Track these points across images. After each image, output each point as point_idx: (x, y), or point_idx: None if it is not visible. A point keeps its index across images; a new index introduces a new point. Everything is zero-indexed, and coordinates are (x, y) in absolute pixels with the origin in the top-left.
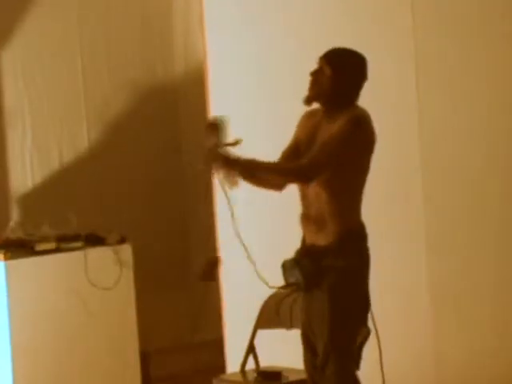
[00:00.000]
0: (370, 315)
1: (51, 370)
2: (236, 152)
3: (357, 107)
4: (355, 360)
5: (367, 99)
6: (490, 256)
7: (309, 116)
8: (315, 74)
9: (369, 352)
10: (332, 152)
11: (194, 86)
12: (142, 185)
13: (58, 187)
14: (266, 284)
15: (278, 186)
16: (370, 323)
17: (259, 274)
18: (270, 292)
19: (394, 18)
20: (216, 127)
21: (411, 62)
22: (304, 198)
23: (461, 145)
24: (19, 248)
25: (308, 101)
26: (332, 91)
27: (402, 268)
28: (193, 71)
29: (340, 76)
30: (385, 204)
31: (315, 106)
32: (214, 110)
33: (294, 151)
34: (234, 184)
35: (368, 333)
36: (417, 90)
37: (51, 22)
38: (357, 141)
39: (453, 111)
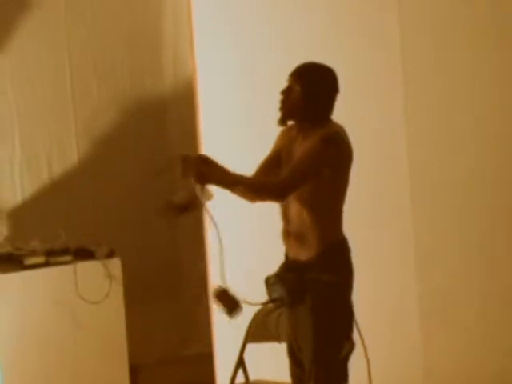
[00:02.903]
0: (355, 327)
1: (39, 383)
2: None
3: (331, 124)
4: (342, 373)
5: (354, 109)
6: (478, 268)
7: (287, 131)
8: (285, 93)
9: (357, 364)
10: (303, 170)
11: (183, 99)
12: (131, 198)
13: (47, 201)
14: (248, 303)
15: (252, 198)
16: (354, 336)
17: (236, 295)
18: (260, 306)
19: (380, 27)
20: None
21: (398, 70)
22: (284, 214)
23: (448, 156)
24: (8, 262)
25: (282, 121)
26: (303, 108)
27: (390, 280)
28: (182, 85)
29: (310, 92)
30: (373, 216)
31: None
32: (202, 124)
33: (270, 165)
34: (209, 197)
35: (353, 345)
36: (404, 100)
37: (39, 35)
38: (329, 158)
39: (440, 120)
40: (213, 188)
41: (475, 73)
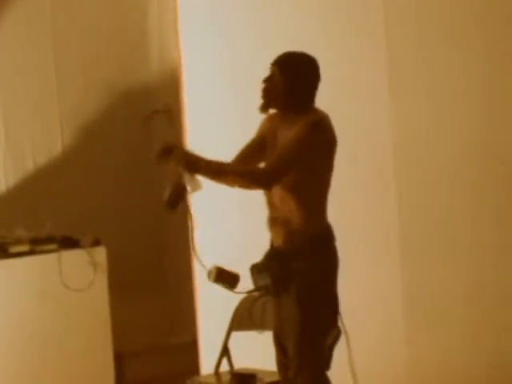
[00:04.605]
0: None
1: (24, 372)
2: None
3: (315, 111)
4: (326, 361)
5: (340, 103)
6: (464, 262)
7: (270, 119)
8: (267, 81)
9: (342, 353)
10: (290, 157)
11: (169, 87)
12: (117, 187)
13: (31, 190)
14: (233, 291)
15: (239, 186)
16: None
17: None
18: (244, 294)
19: (366, 24)
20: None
21: (384, 64)
22: (269, 201)
23: (435, 147)
24: None
25: (263, 108)
26: (285, 96)
27: (375, 271)
28: (167, 72)
29: (291, 80)
30: (359, 209)
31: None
32: (187, 111)
33: (253, 150)
34: (198, 187)
35: (339, 333)
36: (389, 88)
37: (24, 24)
38: (315, 144)
39: (426, 113)
40: (202, 179)
41: (462, 60)
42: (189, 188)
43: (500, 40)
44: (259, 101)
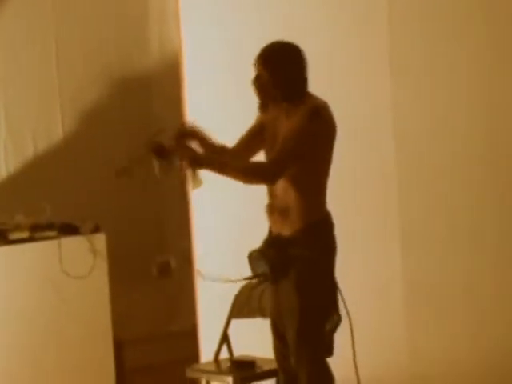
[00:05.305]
0: (341, 302)
1: (25, 358)
2: None
3: (313, 98)
4: (326, 347)
5: (342, 99)
6: (464, 249)
7: (269, 109)
8: (256, 81)
9: (343, 340)
10: (293, 148)
11: (169, 74)
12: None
13: (32, 176)
14: (231, 279)
15: (243, 182)
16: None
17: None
18: (244, 281)
19: (369, 22)
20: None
21: (385, 60)
22: (270, 189)
23: (436, 138)
24: None
25: (261, 108)
26: (277, 91)
27: (376, 259)
28: (168, 60)
29: (278, 73)
30: (360, 197)
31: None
32: (188, 99)
33: (253, 138)
34: (199, 184)
35: (339, 319)
36: (391, 91)
37: (25, 10)
38: (316, 131)
39: (428, 110)
40: (204, 174)
41: (465, 57)
42: (190, 185)
43: (503, 37)
44: (256, 102)
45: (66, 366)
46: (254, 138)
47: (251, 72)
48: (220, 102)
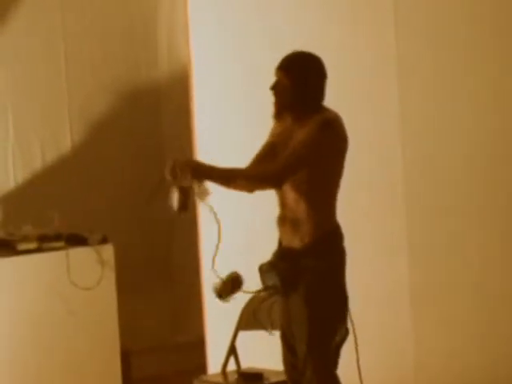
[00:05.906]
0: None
1: (32, 369)
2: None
3: (326, 110)
4: (333, 360)
5: (349, 106)
6: (471, 258)
7: (282, 121)
8: (275, 88)
9: (349, 353)
10: (300, 156)
11: (178, 86)
12: (124, 184)
13: (40, 187)
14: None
15: (249, 189)
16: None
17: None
18: (253, 293)
19: (376, 26)
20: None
21: (393, 65)
22: (281, 201)
23: (443, 145)
24: (0, 247)
25: (277, 116)
26: (295, 99)
27: (383, 270)
28: (176, 72)
29: (299, 83)
30: (367, 204)
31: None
32: (196, 112)
33: (266, 155)
34: (204, 196)
35: (347, 332)
36: (399, 96)
37: (35, 21)
38: (325, 143)
39: (434, 114)
40: (210, 185)
41: (471, 61)
42: (197, 197)
43: (509, 41)
44: (271, 106)
45: (73, 376)
46: (267, 157)
47: (260, 85)
48: (229, 114)
